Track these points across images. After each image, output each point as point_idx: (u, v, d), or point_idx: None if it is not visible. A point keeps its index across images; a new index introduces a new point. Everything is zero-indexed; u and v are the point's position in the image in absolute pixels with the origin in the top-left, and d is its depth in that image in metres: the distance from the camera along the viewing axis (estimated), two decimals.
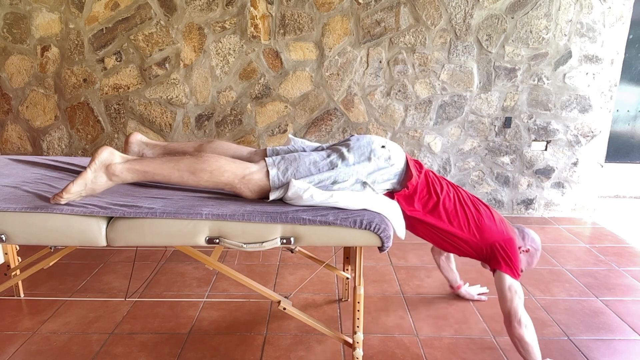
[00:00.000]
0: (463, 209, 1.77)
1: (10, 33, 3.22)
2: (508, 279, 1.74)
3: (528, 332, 1.70)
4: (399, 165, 1.69)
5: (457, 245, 1.79)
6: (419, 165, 1.80)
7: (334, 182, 1.59)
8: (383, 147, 1.67)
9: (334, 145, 1.75)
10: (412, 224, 1.78)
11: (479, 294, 2.30)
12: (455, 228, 1.76)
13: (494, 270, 1.79)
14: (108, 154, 1.51)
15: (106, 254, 2.79)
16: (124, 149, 1.87)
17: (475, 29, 3.22)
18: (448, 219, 1.75)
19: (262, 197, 1.61)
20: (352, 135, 1.75)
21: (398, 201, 1.70)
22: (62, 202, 1.48)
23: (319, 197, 1.51)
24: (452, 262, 2.28)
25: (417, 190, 1.72)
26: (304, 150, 1.77)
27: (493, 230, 1.77)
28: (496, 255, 1.76)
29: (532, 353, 1.69)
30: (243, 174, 1.56)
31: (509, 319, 1.73)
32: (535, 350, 1.69)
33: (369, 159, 1.63)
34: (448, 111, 3.37)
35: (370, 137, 1.70)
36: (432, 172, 1.83)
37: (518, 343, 1.70)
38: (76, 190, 1.47)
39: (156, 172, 1.54)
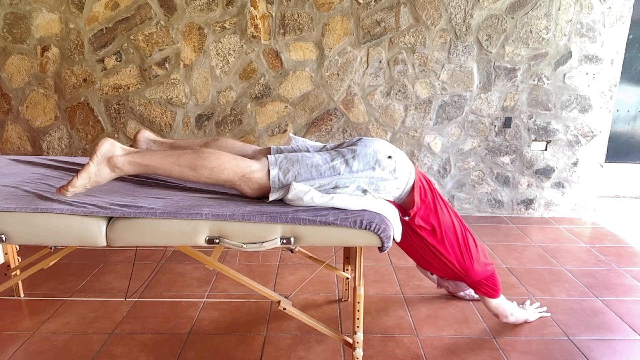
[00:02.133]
0: (458, 241, 1.85)
1: (10, 33, 3.23)
2: (493, 303, 1.97)
3: (514, 314, 2.03)
4: (404, 180, 1.66)
5: (445, 268, 1.89)
6: (428, 183, 1.79)
7: (335, 187, 1.59)
8: (390, 157, 1.62)
9: (339, 146, 1.72)
10: (408, 234, 1.80)
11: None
12: (452, 255, 1.86)
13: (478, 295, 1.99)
14: (109, 146, 1.52)
15: (106, 254, 2.79)
16: (133, 145, 1.88)
17: (475, 29, 3.22)
18: (449, 244, 1.84)
19: (262, 195, 1.60)
20: (360, 139, 1.70)
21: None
22: (68, 195, 1.49)
23: (320, 200, 1.51)
24: None
25: (417, 214, 1.76)
26: (308, 151, 1.76)
27: (479, 270, 1.89)
28: (481, 289, 1.94)
29: (520, 318, 2.07)
30: (244, 172, 1.56)
31: (497, 317, 2.06)
32: (518, 314, 2.05)
33: (373, 168, 1.59)
34: (448, 111, 3.37)
35: (377, 145, 1.64)
36: (439, 195, 1.84)
37: (510, 324, 2.08)
38: (81, 183, 1.49)
39: (157, 166, 1.54)
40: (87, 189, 1.54)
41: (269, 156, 1.61)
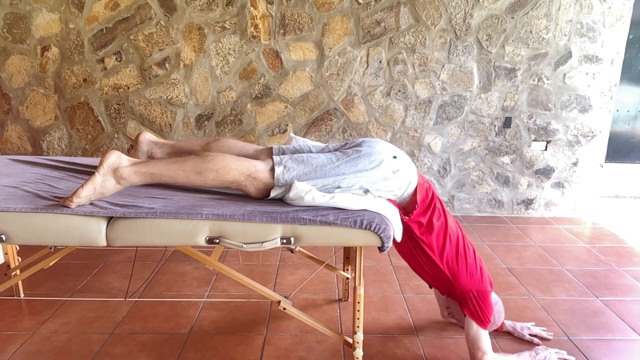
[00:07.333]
0: (457, 245, 1.77)
1: (10, 33, 3.22)
2: (473, 329, 1.73)
3: (488, 355, 1.69)
4: (407, 179, 1.66)
5: (433, 275, 1.81)
6: (429, 187, 1.78)
7: (338, 187, 1.59)
8: (395, 157, 1.64)
9: (343, 147, 1.73)
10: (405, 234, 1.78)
11: (531, 335, 2.01)
12: (438, 260, 1.76)
13: (464, 314, 1.79)
14: (116, 158, 1.52)
15: (106, 254, 2.79)
16: (134, 147, 1.88)
17: (475, 29, 3.22)
18: (439, 249, 1.76)
19: (268, 196, 1.61)
20: (364, 140, 1.71)
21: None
22: (72, 207, 1.48)
23: (320, 200, 1.51)
24: None
25: (418, 215, 1.73)
26: (310, 151, 1.76)
27: (469, 280, 1.76)
28: (467, 303, 1.75)
29: None
30: (249, 172, 1.56)
31: (470, 352, 1.74)
32: None
33: (378, 167, 1.61)
34: (448, 111, 3.37)
35: (382, 146, 1.65)
36: (439, 200, 1.79)
37: None
38: (86, 194, 1.48)
39: (163, 174, 1.54)
40: (91, 200, 1.54)
41: (274, 156, 1.62)
